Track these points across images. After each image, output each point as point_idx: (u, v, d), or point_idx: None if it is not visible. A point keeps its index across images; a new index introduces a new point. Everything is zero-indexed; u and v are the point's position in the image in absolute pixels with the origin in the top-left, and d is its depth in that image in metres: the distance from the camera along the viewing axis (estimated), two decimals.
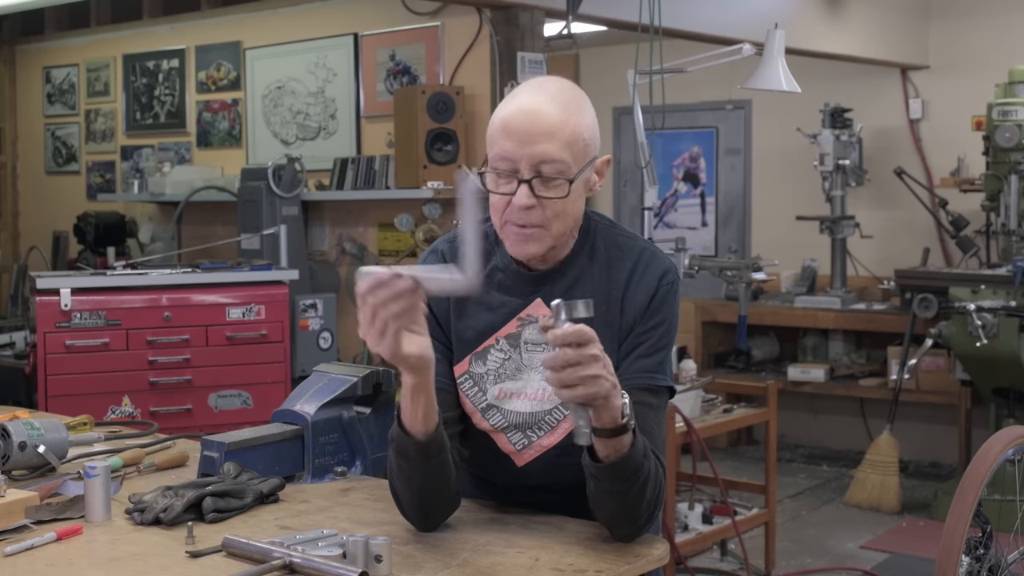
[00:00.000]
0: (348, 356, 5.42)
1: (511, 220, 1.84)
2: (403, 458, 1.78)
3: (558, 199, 1.82)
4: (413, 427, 1.75)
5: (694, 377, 4.71)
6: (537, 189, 1.81)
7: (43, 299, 4.22)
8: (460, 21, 5.15)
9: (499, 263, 1.96)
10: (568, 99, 1.85)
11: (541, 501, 1.95)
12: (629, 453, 1.71)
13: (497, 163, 1.83)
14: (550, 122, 1.80)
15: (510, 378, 1.92)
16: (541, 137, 1.80)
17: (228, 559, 1.75)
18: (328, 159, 5.63)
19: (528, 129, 1.80)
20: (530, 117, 1.81)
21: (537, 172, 1.80)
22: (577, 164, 1.83)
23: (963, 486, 2.93)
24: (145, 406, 4.22)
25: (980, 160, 6.21)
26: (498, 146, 1.82)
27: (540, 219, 1.83)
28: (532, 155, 1.79)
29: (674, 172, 7.86)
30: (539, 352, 1.90)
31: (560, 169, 1.81)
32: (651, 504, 1.78)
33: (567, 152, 1.81)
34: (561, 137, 1.80)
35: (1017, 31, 6.62)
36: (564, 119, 1.82)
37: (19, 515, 1.88)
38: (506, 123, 1.82)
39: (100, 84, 7.01)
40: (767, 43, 4.41)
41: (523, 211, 1.81)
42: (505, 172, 1.82)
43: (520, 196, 1.81)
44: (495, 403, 1.92)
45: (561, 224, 1.85)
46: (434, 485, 1.80)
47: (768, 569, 4.76)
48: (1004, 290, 5.35)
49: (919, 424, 6.63)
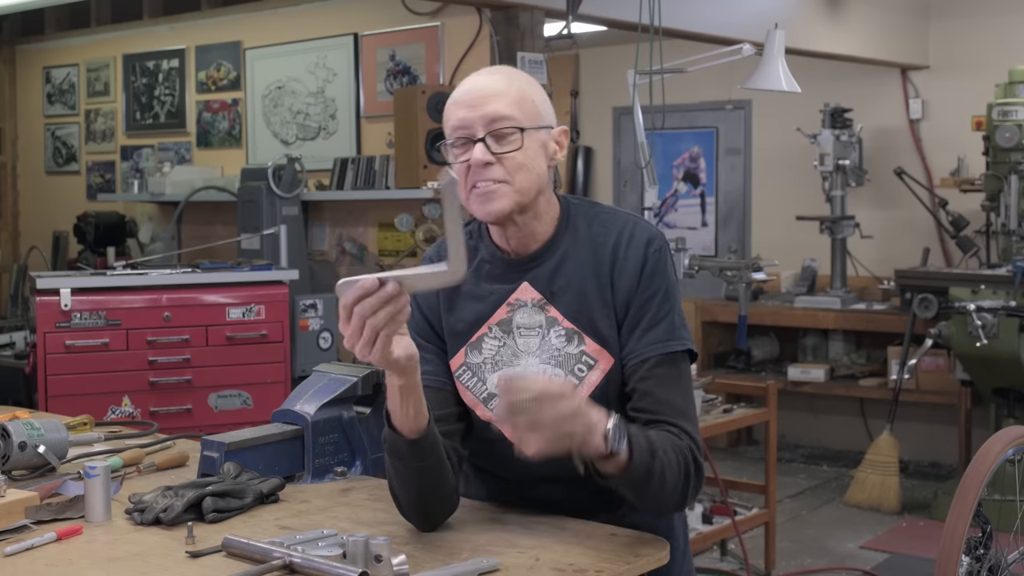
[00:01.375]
0: (348, 356, 5.40)
1: (474, 182, 1.87)
2: (398, 459, 1.79)
3: (514, 151, 1.86)
4: (405, 426, 1.77)
5: (694, 377, 4.71)
6: (492, 146, 1.85)
7: (43, 299, 4.22)
8: (460, 21, 5.16)
9: (485, 255, 1.98)
10: (512, 73, 1.95)
11: (550, 494, 1.94)
12: (631, 467, 1.74)
13: (453, 134, 1.88)
14: (497, 86, 1.89)
15: (508, 364, 1.93)
16: (490, 99, 1.87)
17: (228, 559, 1.75)
18: (328, 159, 5.63)
19: (478, 94, 1.88)
20: (477, 87, 1.90)
21: (490, 131, 1.86)
22: (529, 120, 1.88)
23: (963, 486, 2.93)
24: (145, 406, 4.22)
25: (980, 160, 6.21)
26: (452, 118, 1.89)
27: (501, 174, 1.86)
28: (484, 115, 1.85)
29: (674, 172, 7.86)
30: (533, 336, 1.92)
31: (512, 123, 1.86)
32: (679, 485, 1.80)
33: (516, 109, 1.87)
34: (508, 96, 1.87)
35: (1017, 31, 6.62)
36: (509, 83, 1.90)
37: (19, 515, 1.88)
38: (456, 98, 1.90)
39: (100, 84, 7.02)
40: (767, 43, 4.41)
41: (483, 168, 1.85)
42: (462, 140, 1.87)
43: (477, 152, 1.85)
44: (496, 391, 1.91)
45: (524, 178, 1.87)
46: (431, 484, 1.81)
47: (768, 569, 4.76)
48: (1004, 290, 5.35)
49: (919, 424, 6.63)
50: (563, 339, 1.91)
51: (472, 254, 1.96)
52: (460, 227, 1.67)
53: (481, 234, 2.01)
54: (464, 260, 1.67)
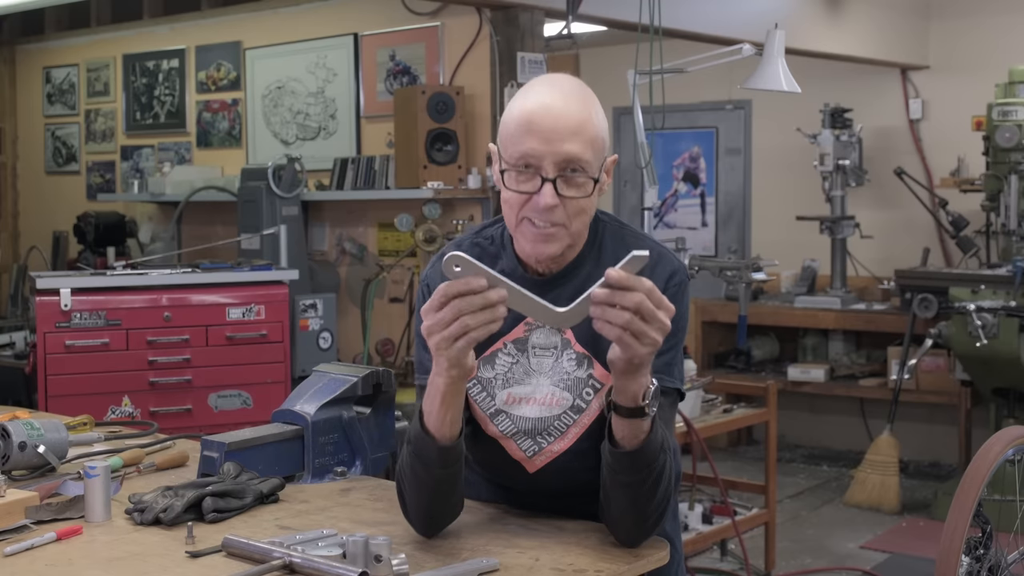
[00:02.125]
0: (348, 356, 5.42)
1: (531, 218, 1.80)
2: (421, 462, 1.76)
3: (581, 198, 1.80)
4: (439, 431, 1.74)
5: (694, 377, 4.71)
6: (560, 188, 1.78)
7: (43, 299, 4.22)
8: (460, 21, 5.15)
9: (505, 267, 1.92)
10: (584, 96, 1.83)
11: (556, 506, 1.93)
12: (647, 441, 1.70)
13: (518, 161, 1.79)
14: (574, 120, 1.78)
15: (519, 383, 1.89)
16: (566, 135, 1.77)
17: (228, 559, 1.75)
18: (328, 159, 5.63)
19: (553, 127, 1.77)
20: (553, 114, 1.77)
21: (561, 171, 1.78)
22: (597, 163, 1.81)
23: (963, 486, 2.93)
24: (145, 406, 4.22)
25: (980, 160, 6.21)
26: (521, 144, 1.78)
27: (561, 218, 1.80)
28: (557, 153, 1.77)
29: (674, 172, 7.86)
30: (547, 357, 1.89)
31: (584, 168, 1.79)
32: (660, 505, 1.77)
33: (589, 151, 1.79)
34: (584, 136, 1.78)
35: (1017, 31, 6.62)
36: (586, 117, 1.79)
37: (19, 515, 1.88)
38: (528, 121, 1.78)
39: (100, 84, 7.02)
40: (767, 43, 4.41)
41: (546, 211, 1.78)
42: (527, 170, 1.79)
43: (545, 195, 1.77)
44: (504, 408, 1.90)
45: (580, 223, 1.83)
46: (446, 492, 1.79)
47: (768, 569, 4.76)
48: (1004, 290, 5.35)
49: (919, 424, 6.63)
50: (574, 363, 1.88)
51: (492, 262, 1.91)
52: None
53: (504, 244, 1.95)
54: (582, 316, 1.62)
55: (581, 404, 1.87)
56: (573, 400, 1.87)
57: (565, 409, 1.87)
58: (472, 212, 5.09)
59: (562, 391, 1.87)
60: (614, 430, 1.71)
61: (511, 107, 1.84)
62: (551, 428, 1.88)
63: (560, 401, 1.87)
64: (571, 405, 1.87)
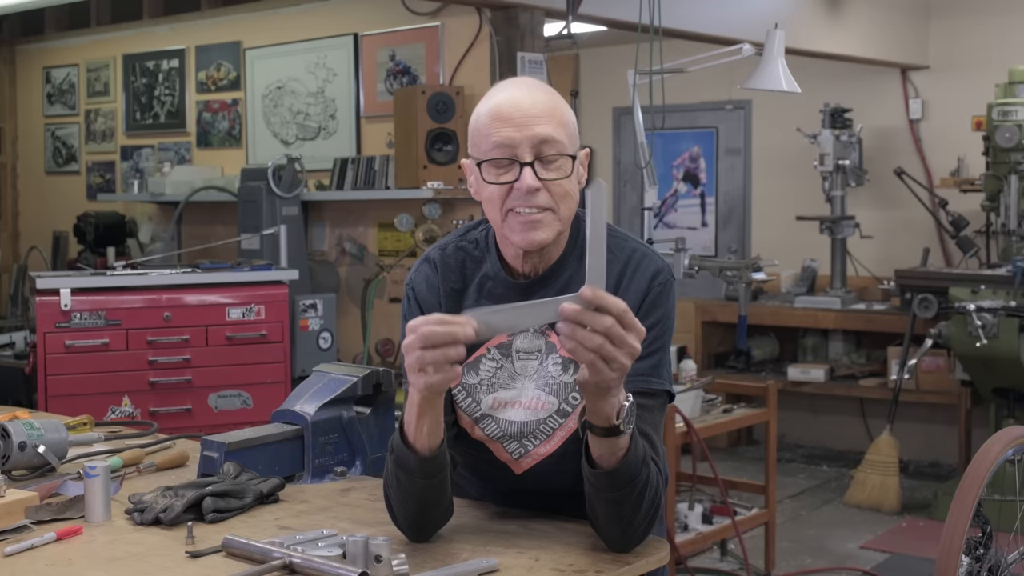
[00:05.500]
0: (348, 356, 5.42)
1: (516, 207, 1.80)
2: (403, 471, 1.75)
3: (563, 179, 1.80)
4: (418, 442, 1.73)
5: (694, 377, 4.71)
6: (540, 172, 1.78)
7: (43, 299, 4.22)
8: (460, 21, 5.15)
9: (489, 271, 1.92)
10: (549, 88, 1.87)
11: (542, 505, 1.93)
12: (625, 459, 1.67)
13: (494, 152, 1.80)
14: (541, 105, 1.80)
15: (503, 387, 1.89)
16: (537, 118, 1.78)
17: (228, 559, 1.75)
18: (328, 159, 5.63)
19: (524, 112, 1.78)
20: (522, 103, 1.80)
21: (538, 154, 1.78)
22: (572, 144, 1.82)
23: (963, 486, 2.93)
24: (145, 406, 4.22)
25: (980, 160, 6.21)
26: (494, 135, 1.79)
27: (547, 202, 1.80)
28: (532, 136, 1.78)
29: (674, 172, 7.85)
30: (532, 360, 1.88)
31: (559, 149, 1.79)
32: (648, 515, 1.75)
33: (562, 131, 1.80)
34: (555, 118, 1.80)
35: (1017, 31, 6.62)
36: (554, 104, 1.82)
37: (19, 515, 1.88)
38: (497, 112, 1.80)
39: (100, 84, 7.02)
40: (767, 43, 4.41)
41: (530, 195, 1.78)
42: (504, 160, 1.79)
43: (526, 178, 1.77)
44: (489, 413, 1.89)
45: (567, 207, 1.82)
46: (432, 502, 1.78)
47: (768, 569, 4.76)
48: (1004, 290, 5.35)
49: (919, 424, 6.63)
50: (559, 367, 1.87)
51: (476, 266, 1.91)
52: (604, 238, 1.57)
53: (488, 247, 1.94)
54: (603, 276, 1.58)
55: (567, 408, 1.86)
56: (559, 404, 1.87)
57: (551, 413, 1.87)
58: (472, 212, 5.09)
59: (548, 395, 1.87)
60: (591, 449, 1.69)
61: (478, 110, 1.85)
62: (536, 432, 1.88)
63: (546, 405, 1.87)
64: (556, 409, 1.87)
